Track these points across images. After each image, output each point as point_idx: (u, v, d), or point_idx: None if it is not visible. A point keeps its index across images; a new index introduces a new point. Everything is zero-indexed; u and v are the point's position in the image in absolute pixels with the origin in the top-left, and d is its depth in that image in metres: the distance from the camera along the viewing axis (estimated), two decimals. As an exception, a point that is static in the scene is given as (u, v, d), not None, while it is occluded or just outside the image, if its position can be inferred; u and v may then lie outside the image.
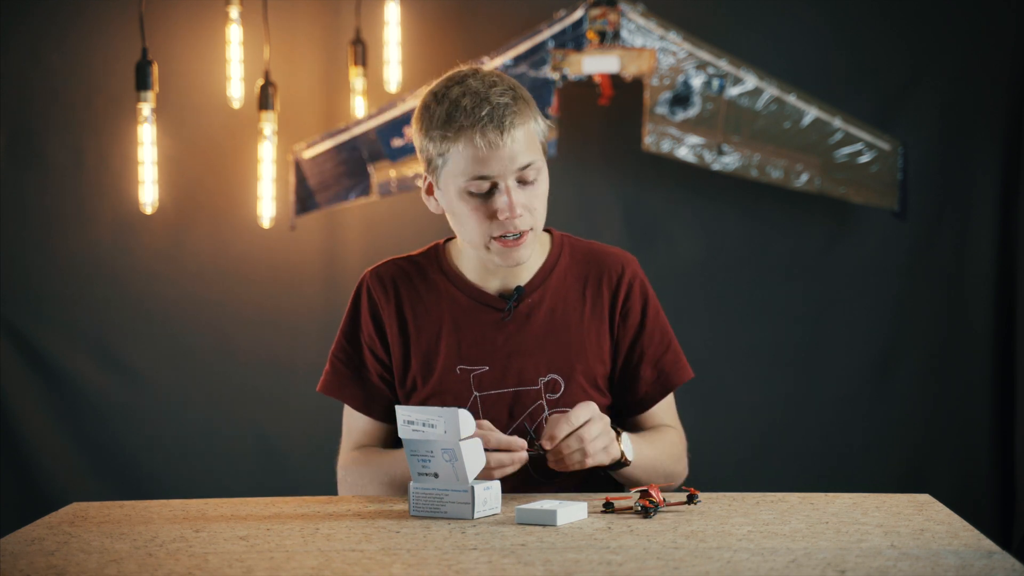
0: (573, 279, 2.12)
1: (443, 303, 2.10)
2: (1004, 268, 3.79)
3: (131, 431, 3.91)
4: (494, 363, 2.07)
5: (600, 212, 3.86)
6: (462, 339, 2.08)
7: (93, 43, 3.86)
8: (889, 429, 3.85)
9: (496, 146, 1.95)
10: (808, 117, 3.62)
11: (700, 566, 1.52)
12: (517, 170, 1.97)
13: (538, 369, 2.08)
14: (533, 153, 1.99)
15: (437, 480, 1.82)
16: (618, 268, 2.14)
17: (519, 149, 1.96)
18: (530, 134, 1.99)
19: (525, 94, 2.01)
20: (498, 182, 1.97)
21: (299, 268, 3.92)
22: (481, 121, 1.94)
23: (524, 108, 1.98)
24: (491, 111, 1.94)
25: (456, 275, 2.11)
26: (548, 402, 2.08)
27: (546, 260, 2.12)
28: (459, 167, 1.97)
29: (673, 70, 3.58)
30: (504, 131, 1.94)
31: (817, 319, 3.87)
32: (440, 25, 3.88)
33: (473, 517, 1.80)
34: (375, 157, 3.71)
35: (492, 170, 1.96)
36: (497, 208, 1.97)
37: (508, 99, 1.96)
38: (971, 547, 1.60)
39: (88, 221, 3.90)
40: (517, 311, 2.09)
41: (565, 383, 2.08)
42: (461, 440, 1.79)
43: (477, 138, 1.94)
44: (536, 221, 2.02)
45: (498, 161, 1.95)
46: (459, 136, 1.95)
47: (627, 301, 2.12)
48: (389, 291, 2.12)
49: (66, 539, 1.73)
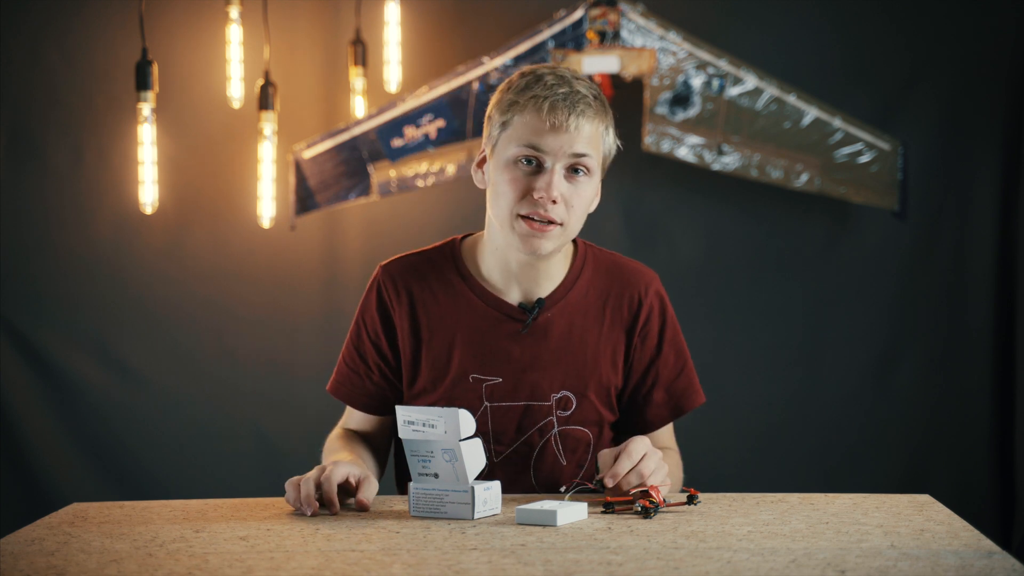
0: (595, 294, 2.09)
1: (460, 308, 2.07)
2: (1004, 268, 3.79)
3: (131, 431, 3.91)
4: (508, 375, 2.05)
5: (600, 212, 3.83)
6: (477, 348, 2.05)
7: (93, 43, 3.86)
8: (889, 429, 3.85)
9: (560, 126, 1.94)
10: (808, 117, 3.62)
11: (700, 566, 1.52)
12: (571, 156, 1.96)
13: (552, 385, 2.05)
14: (591, 150, 1.97)
15: (437, 480, 1.82)
16: (640, 287, 2.11)
17: (581, 139, 1.95)
18: (596, 136, 1.98)
19: (607, 104, 2.02)
20: (547, 160, 1.95)
21: (299, 268, 3.92)
22: (556, 96, 1.94)
23: (601, 110, 1.98)
24: (569, 92, 1.94)
25: (474, 279, 2.08)
26: (558, 418, 2.06)
27: (569, 272, 2.09)
28: (518, 133, 1.96)
29: (673, 70, 3.58)
30: (572, 114, 1.94)
31: (817, 319, 3.87)
32: (440, 25, 3.88)
33: (473, 517, 1.80)
34: (375, 157, 3.71)
35: (547, 145, 1.95)
36: (536, 185, 1.95)
37: (589, 93, 1.97)
38: (971, 547, 1.60)
39: (88, 221, 3.90)
40: (535, 324, 2.05)
41: (577, 401, 2.06)
42: (461, 440, 1.79)
43: (546, 109, 1.94)
44: (569, 219, 1.99)
45: (556, 139, 1.94)
46: (529, 104, 1.95)
47: (647, 323, 2.10)
48: (402, 291, 2.08)
49: (66, 539, 1.73)
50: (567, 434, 2.07)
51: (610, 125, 2.02)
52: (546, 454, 2.07)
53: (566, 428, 2.06)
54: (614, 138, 2.03)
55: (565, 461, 2.07)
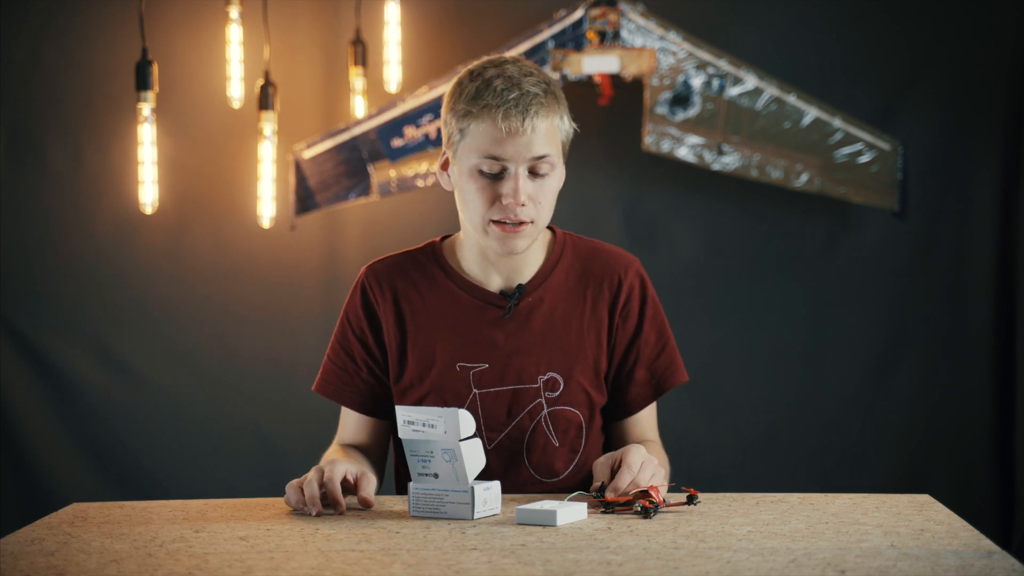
0: (574, 278, 2.12)
1: (443, 300, 2.10)
2: (1004, 268, 3.79)
3: (131, 431, 3.91)
4: (494, 361, 2.07)
5: (600, 212, 3.86)
6: (462, 336, 2.08)
7: (93, 43, 3.86)
8: (889, 429, 3.85)
9: (516, 131, 1.96)
10: (808, 117, 3.62)
11: (700, 566, 1.52)
12: (531, 159, 1.98)
13: (538, 368, 2.08)
14: (551, 147, 2.00)
15: (437, 480, 1.82)
16: (620, 269, 2.14)
17: (538, 139, 1.97)
18: (553, 129, 2.00)
19: (557, 91, 2.03)
20: (509, 166, 1.98)
21: (299, 268, 3.92)
22: (507, 103, 1.95)
23: (552, 103, 2.00)
24: (520, 96, 1.96)
25: (456, 272, 2.12)
26: (547, 400, 2.08)
27: (548, 258, 2.12)
28: (476, 143, 1.98)
29: (673, 70, 3.58)
30: (527, 118, 1.95)
31: (817, 319, 3.87)
32: (440, 25, 3.88)
33: (473, 517, 1.80)
34: (375, 157, 3.71)
35: (507, 153, 1.97)
36: (503, 192, 1.98)
37: (539, 90, 1.98)
38: (971, 547, 1.60)
39: (88, 221, 3.90)
40: (518, 309, 2.09)
41: (564, 382, 2.08)
42: (461, 440, 1.80)
43: (499, 118, 1.95)
44: (539, 215, 2.02)
45: (514, 146, 1.96)
46: (483, 113, 1.97)
47: (627, 303, 2.12)
48: (386, 287, 2.13)
49: (66, 539, 1.73)
50: (557, 415, 2.08)
51: (564, 112, 2.03)
52: (537, 436, 2.08)
53: (556, 409, 2.08)
54: (569, 122, 2.05)
55: (558, 443, 2.09)
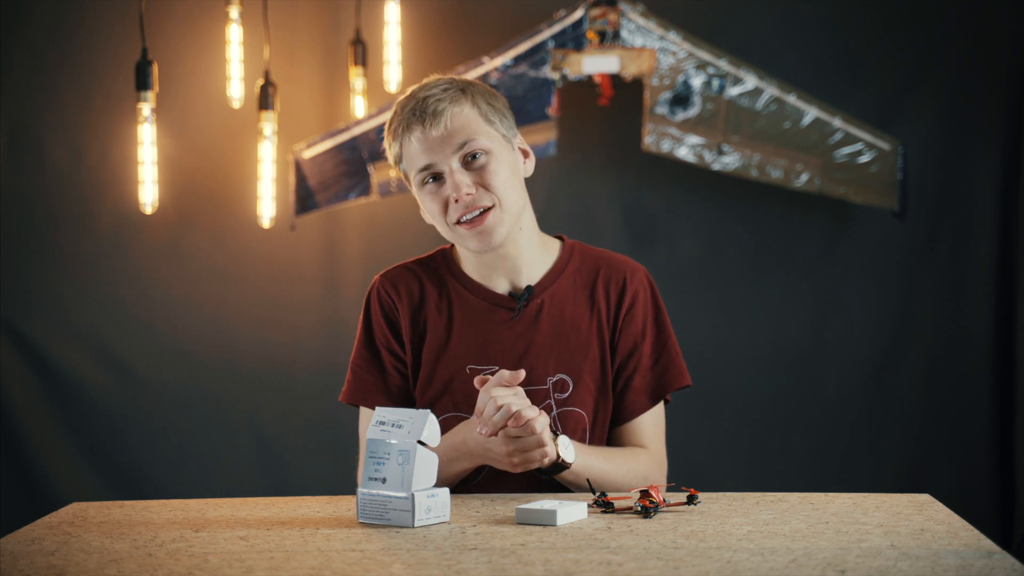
0: (581, 283, 2.14)
1: (454, 303, 2.13)
2: (1004, 268, 3.79)
3: (131, 431, 3.90)
4: (504, 362, 2.09)
5: (600, 212, 3.86)
6: (472, 338, 2.10)
7: (93, 43, 3.86)
8: (889, 429, 3.85)
9: (425, 138, 2.02)
10: (808, 117, 3.62)
11: (700, 566, 1.52)
12: (456, 153, 2.03)
13: (547, 369, 2.09)
14: (474, 133, 2.03)
15: (384, 485, 1.78)
16: (627, 273, 2.16)
17: (454, 133, 2.02)
18: (469, 117, 2.03)
19: (464, 82, 2.06)
20: (442, 168, 2.03)
21: (299, 268, 3.91)
22: (414, 116, 2.03)
23: (458, 95, 2.04)
24: (416, 106, 2.03)
25: (465, 276, 2.15)
26: (556, 401, 2.08)
27: (555, 263, 2.15)
28: (409, 161, 2.07)
29: (673, 70, 3.58)
30: (427, 121, 2.01)
31: (817, 319, 3.87)
32: (440, 25, 3.88)
33: (415, 525, 1.75)
34: (375, 157, 3.71)
35: (430, 159, 2.03)
36: (447, 193, 2.03)
37: (438, 91, 2.03)
38: (971, 547, 1.60)
39: (88, 221, 3.90)
40: (526, 311, 2.11)
41: (573, 383, 2.09)
42: (418, 442, 1.76)
43: (409, 135, 2.04)
44: (499, 198, 2.04)
45: (430, 150, 2.02)
46: (402, 132, 2.05)
47: (631, 309, 2.13)
48: (402, 292, 2.15)
49: (66, 539, 1.73)
50: (566, 415, 2.10)
51: (476, 93, 2.06)
52: None
53: (564, 410, 2.09)
54: (496, 101, 2.08)
55: None
